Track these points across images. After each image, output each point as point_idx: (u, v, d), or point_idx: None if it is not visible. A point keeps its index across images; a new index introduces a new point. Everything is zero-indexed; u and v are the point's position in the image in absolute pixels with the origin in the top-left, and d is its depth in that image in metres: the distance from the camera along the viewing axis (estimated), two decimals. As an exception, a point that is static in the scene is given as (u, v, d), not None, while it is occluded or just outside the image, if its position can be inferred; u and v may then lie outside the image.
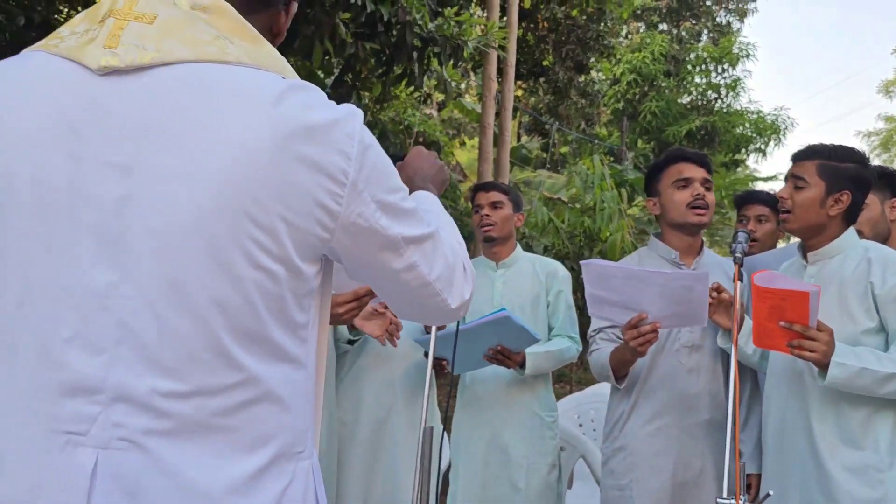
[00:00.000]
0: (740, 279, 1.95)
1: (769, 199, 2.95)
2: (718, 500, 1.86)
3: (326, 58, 3.78)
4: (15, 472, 0.87)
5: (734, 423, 1.87)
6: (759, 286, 1.77)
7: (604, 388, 3.94)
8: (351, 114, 0.93)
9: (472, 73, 11.06)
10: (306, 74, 4.35)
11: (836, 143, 2.04)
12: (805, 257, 2.05)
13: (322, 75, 4.68)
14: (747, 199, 3.02)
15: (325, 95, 0.95)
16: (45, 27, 4.14)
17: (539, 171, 13.24)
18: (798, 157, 2.03)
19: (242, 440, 0.88)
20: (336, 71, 4.41)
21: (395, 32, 3.79)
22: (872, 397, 1.81)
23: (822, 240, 1.99)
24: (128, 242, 0.85)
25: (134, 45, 0.87)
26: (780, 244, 3.05)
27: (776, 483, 1.98)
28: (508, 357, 2.43)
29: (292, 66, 1.08)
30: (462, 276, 1.06)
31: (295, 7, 1.12)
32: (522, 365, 2.45)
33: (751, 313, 2.11)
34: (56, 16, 4.57)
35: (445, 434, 2.57)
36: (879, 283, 1.85)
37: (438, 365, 2.39)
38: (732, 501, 1.84)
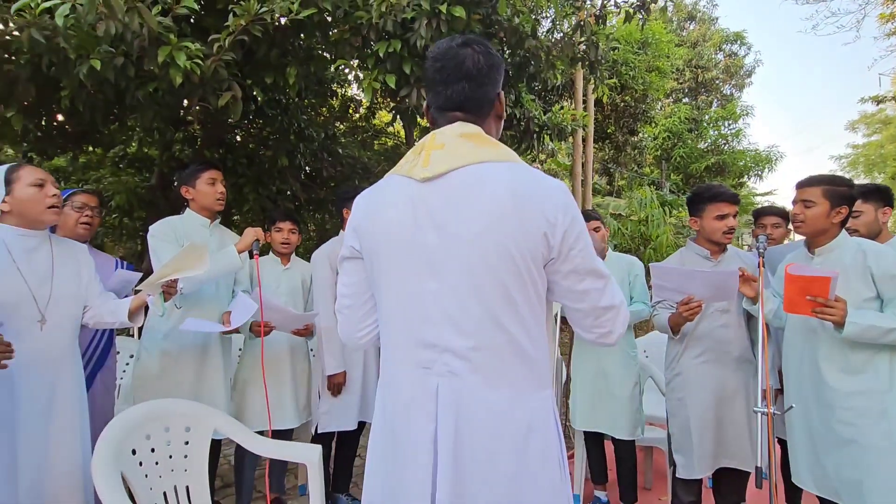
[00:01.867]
0: (762, 266, 1.85)
1: (780, 212, 2.68)
2: (755, 409, 1.73)
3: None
4: (403, 387, 0.95)
5: (763, 358, 1.74)
6: (791, 273, 1.63)
7: (657, 336, 3.73)
8: (558, 185, 0.93)
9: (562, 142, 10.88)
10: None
11: (815, 167, 1.95)
12: (811, 251, 1.84)
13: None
14: (764, 212, 2.73)
15: (540, 172, 0.94)
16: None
17: (606, 197, 12.72)
18: (805, 185, 1.82)
19: (512, 374, 0.91)
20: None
21: (522, 124, 3.80)
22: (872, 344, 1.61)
23: (825, 240, 1.80)
24: (442, 266, 0.90)
25: (435, 163, 0.93)
26: (785, 241, 2.76)
27: (796, 400, 1.81)
28: None
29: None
30: (622, 319, 0.96)
31: (502, 91, 1.03)
32: None
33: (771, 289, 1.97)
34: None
35: (564, 362, 2.57)
36: (875, 267, 1.66)
37: (564, 321, 2.39)
38: (765, 409, 1.71)
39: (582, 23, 2.99)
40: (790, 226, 2.82)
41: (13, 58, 2.42)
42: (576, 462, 2.77)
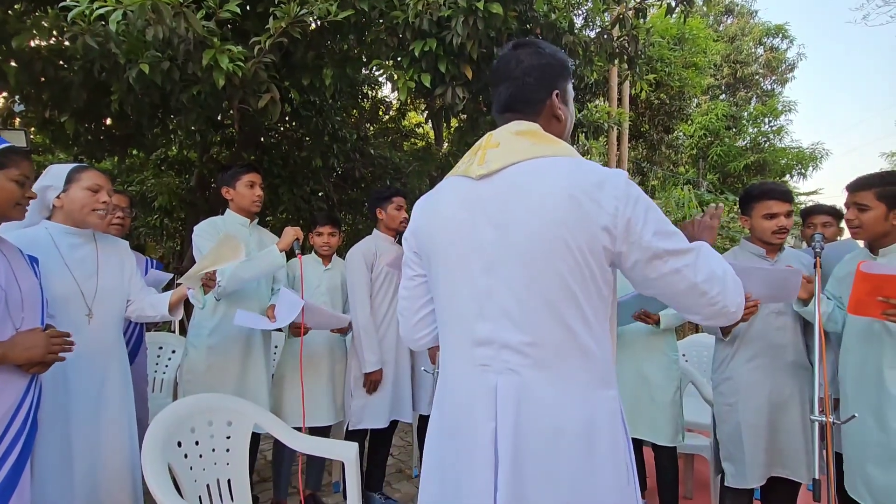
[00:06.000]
0: (819, 266, 1.72)
1: (831, 210, 2.55)
2: (811, 416, 1.64)
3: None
4: (458, 387, 0.94)
5: (821, 364, 1.64)
6: (863, 271, 1.52)
7: (698, 338, 3.60)
8: (616, 174, 0.88)
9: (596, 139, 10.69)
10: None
11: (864, 165, 1.81)
12: (873, 252, 1.74)
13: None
14: (813, 210, 2.61)
15: (598, 164, 0.90)
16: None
17: (639, 198, 12.47)
18: (856, 188, 1.71)
19: (572, 371, 0.88)
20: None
21: (557, 122, 3.73)
22: None
23: (887, 241, 1.69)
24: (498, 262, 0.89)
25: (491, 160, 0.92)
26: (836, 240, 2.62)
27: (855, 409, 1.70)
28: (649, 316, 2.29)
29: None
30: (734, 286, 0.89)
31: (560, 91, 0.99)
32: (657, 322, 2.30)
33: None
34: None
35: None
36: None
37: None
38: (822, 418, 1.62)
39: (622, 17, 2.92)
40: (842, 224, 2.70)
41: (67, 65, 2.54)
42: (613, 468, 2.69)
